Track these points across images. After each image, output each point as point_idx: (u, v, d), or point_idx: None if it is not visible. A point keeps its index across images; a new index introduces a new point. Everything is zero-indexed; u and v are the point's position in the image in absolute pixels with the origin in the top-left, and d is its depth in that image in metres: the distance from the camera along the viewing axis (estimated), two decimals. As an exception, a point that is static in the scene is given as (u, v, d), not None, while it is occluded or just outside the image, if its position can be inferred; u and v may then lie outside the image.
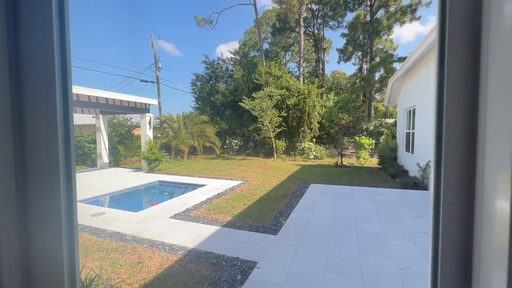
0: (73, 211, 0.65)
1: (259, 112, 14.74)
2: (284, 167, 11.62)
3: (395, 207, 5.27)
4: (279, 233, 4.08)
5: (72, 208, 0.65)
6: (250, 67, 21.09)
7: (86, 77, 48.48)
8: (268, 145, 16.98)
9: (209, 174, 9.79)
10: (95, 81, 61.86)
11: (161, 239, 3.92)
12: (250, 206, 5.56)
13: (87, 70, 26.44)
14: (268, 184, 7.95)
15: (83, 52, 63.43)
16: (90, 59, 53.05)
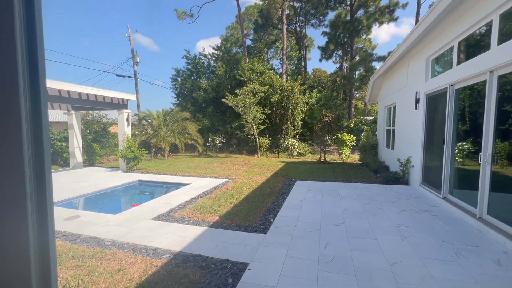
0: (46, 216, 0.59)
1: (242, 109, 14.55)
2: (268, 164, 11.57)
3: (380, 202, 5.37)
4: (269, 232, 3.98)
5: (46, 213, 0.58)
6: (233, 63, 20.76)
7: (56, 71, 45.24)
8: (251, 142, 16.85)
9: (192, 173, 9.49)
10: (67, 75, 58.12)
11: (144, 242, 3.67)
12: (237, 205, 5.41)
13: (57, 63, 24.64)
14: (254, 181, 7.83)
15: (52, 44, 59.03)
16: (60, 51, 49.38)
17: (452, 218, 4.33)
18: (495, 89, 3.72)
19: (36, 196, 0.57)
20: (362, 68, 21.44)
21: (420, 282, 2.60)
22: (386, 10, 20.91)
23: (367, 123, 17.53)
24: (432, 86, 5.64)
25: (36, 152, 0.57)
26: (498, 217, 3.66)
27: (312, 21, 27.49)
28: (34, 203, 0.56)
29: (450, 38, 4.91)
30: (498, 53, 3.62)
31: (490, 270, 2.79)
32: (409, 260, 3.03)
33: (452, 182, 4.98)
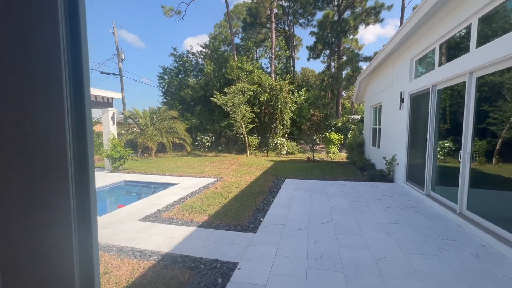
0: (90, 220, 0.60)
1: (231, 108, 14.48)
2: (257, 163, 11.59)
3: (366, 199, 5.50)
4: (258, 231, 3.99)
5: (90, 216, 0.60)
6: (221, 61, 20.61)
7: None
8: (240, 141, 16.82)
9: (181, 172, 9.37)
10: (47, 72, 56.05)
11: (131, 244, 3.59)
12: (226, 204, 5.39)
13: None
14: (243, 180, 7.83)
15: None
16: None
17: (434, 214, 4.50)
18: (474, 90, 3.88)
19: (77, 197, 0.57)
20: (349, 68, 21.83)
21: (404, 277, 2.69)
22: (372, 12, 21.38)
23: (354, 122, 17.89)
24: (416, 86, 5.82)
25: (79, 152, 0.57)
26: (476, 212, 3.83)
27: (301, 21, 27.70)
28: (75, 203, 0.56)
29: (432, 40, 5.08)
30: (477, 55, 3.77)
31: (469, 263, 2.93)
32: (394, 256, 3.13)
33: (435, 179, 5.17)
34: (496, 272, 2.73)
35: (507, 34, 3.28)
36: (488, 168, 3.84)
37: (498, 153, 3.74)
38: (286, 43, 29.16)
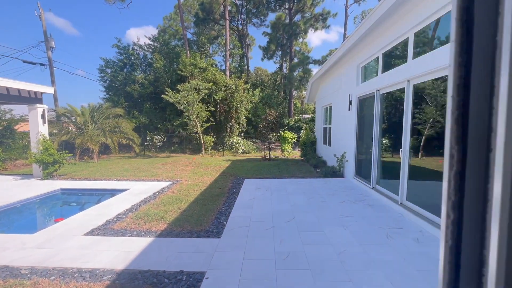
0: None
1: (185, 106, 13.84)
2: (214, 163, 11.34)
3: (322, 195, 5.87)
4: (223, 235, 3.88)
5: None
6: (172, 56, 19.51)
7: None
8: (195, 141, 16.24)
9: (130, 176, 8.57)
10: None
11: (77, 264, 3.11)
12: (186, 209, 5.11)
13: None
14: (202, 182, 7.56)
15: None
16: None
17: (381, 205, 5.05)
18: (411, 96, 4.45)
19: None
20: (301, 69, 23.01)
21: (364, 267, 2.93)
22: (320, 17, 22.90)
23: (305, 121, 18.95)
24: (362, 90, 6.42)
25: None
26: (414, 202, 4.42)
27: (254, 20, 28.04)
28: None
29: (376, 49, 5.65)
30: (413, 66, 4.33)
31: (412, 248, 3.35)
32: (352, 248, 3.39)
33: (379, 174, 5.79)
34: (433, 254, 3.18)
35: (435, 49, 3.83)
36: (416, 162, 4.47)
37: (423, 148, 4.39)
38: (240, 42, 29.19)
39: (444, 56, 3.56)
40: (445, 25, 3.85)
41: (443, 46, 3.71)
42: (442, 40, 4.00)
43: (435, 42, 4.21)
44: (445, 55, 3.52)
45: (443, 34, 4.01)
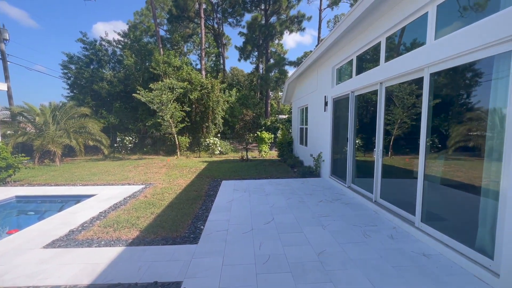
0: None
1: (158, 106, 13.28)
2: (190, 165, 11.00)
3: (300, 195, 5.90)
4: (200, 240, 3.71)
5: None
6: (145, 54, 18.66)
7: None
8: (169, 142, 15.66)
9: (98, 180, 7.98)
10: None
11: (34, 282, 2.77)
12: (160, 215, 4.84)
13: None
14: (177, 185, 7.25)
15: None
16: None
17: (356, 204, 5.19)
18: (383, 97, 4.63)
19: None
20: (277, 70, 23.25)
21: (343, 266, 2.95)
22: (295, 20, 23.34)
23: (282, 121, 19.16)
24: (338, 91, 6.58)
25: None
26: (387, 199, 4.60)
27: (230, 20, 27.78)
28: None
29: (350, 52, 5.82)
30: (385, 69, 4.50)
31: (387, 245, 3.46)
32: (331, 247, 3.41)
33: (354, 173, 5.97)
34: (407, 250, 3.31)
35: (404, 55, 4.02)
36: (386, 160, 4.67)
37: (392, 147, 4.61)
38: (216, 41, 28.77)
39: (411, 62, 3.74)
40: (410, 32, 4.05)
41: (409, 52, 3.89)
42: (408, 46, 4.20)
43: (401, 48, 4.41)
44: (412, 61, 3.70)
45: (408, 40, 4.21)
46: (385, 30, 4.47)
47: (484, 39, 2.65)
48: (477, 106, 3.01)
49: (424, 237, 3.47)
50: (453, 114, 3.39)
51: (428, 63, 3.44)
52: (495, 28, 2.54)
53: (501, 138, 2.56)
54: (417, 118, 3.90)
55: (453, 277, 2.72)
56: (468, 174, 3.15)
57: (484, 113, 2.87)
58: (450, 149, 3.37)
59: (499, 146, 2.58)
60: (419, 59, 3.61)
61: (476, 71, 2.98)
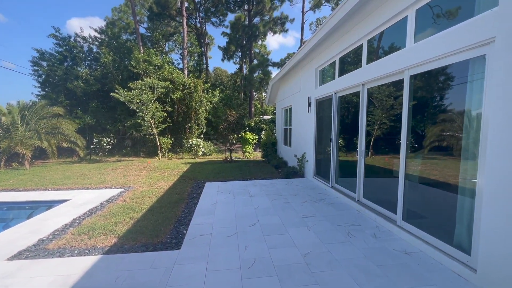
0: None
1: (138, 106, 12.81)
2: (172, 167, 10.69)
3: (285, 196, 5.89)
4: (183, 245, 3.57)
5: None
6: (124, 52, 17.96)
7: None
8: (150, 143, 15.15)
9: (72, 185, 7.52)
10: None
11: (-5, 300, 2.51)
12: (140, 219, 4.62)
13: None
14: (158, 188, 6.99)
15: None
16: None
17: (340, 204, 5.25)
18: (365, 99, 4.72)
19: None
20: (260, 71, 23.29)
21: (329, 267, 2.94)
22: (278, 21, 23.52)
23: (266, 122, 19.20)
24: (321, 92, 6.66)
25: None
26: (369, 199, 4.69)
27: (213, 19, 27.48)
28: None
29: (332, 54, 5.90)
30: (367, 71, 4.59)
31: (371, 244, 3.51)
32: (316, 248, 3.40)
33: (338, 173, 6.05)
34: (389, 248, 3.37)
35: (384, 58, 4.12)
36: (367, 160, 4.77)
37: (372, 148, 4.72)
38: (198, 40, 28.31)
39: (391, 64, 3.83)
40: (391, 35, 4.16)
41: (390, 55, 3.99)
42: (388, 49, 4.32)
43: (382, 51, 4.52)
44: (393, 63, 3.79)
45: (389, 43, 4.32)
46: (367, 33, 4.56)
47: (460, 44, 2.75)
48: (453, 108, 3.12)
49: (405, 235, 3.56)
50: (430, 115, 3.50)
51: (408, 65, 3.53)
52: (469, 33, 2.64)
53: (476, 138, 2.66)
54: (396, 119, 4.02)
55: (433, 273, 2.80)
56: (445, 172, 3.27)
57: (460, 114, 2.98)
58: (426, 149, 3.48)
59: (475, 146, 2.68)
60: (400, 62, 3.71)
61: (452, 74, 3.10)
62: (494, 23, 2.40)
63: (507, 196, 2.27)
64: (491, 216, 2.41)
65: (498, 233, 2.35)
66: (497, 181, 2.36)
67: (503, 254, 2.30)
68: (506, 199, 2.28)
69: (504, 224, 2.30)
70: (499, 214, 2.34)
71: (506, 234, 2.28)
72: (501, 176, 2.32)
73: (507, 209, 2.27)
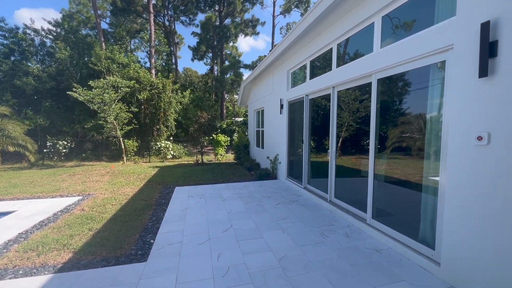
0: None
1: (100, 106, 11.86)
2: (139, 171, 10.05)
3: (259, 198, 5.81)
4: (150, 257, 3.28)
5: None
6: (82, 47, 16.61)
7: None
8: (114, 146, 14.13)
9: (19, 194, 6.64)
10: None
11: None
12: (101, 230, 4.19)
13: None
14: (122, 194, 6.47)
15: None
16: None
17: (313, 204, 5.31)
18: (336, 101, 4.84)
19: None
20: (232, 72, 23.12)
21: (304, 270, 2.90)
22: (250, 24, 23.60)
23: (238, 124, 19.06)
24: (293, 94, 6.72)
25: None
26: (340, 198, 4.80)
27: (182, 18, 26.67)
28: None
29: (304, 57, 5.99)
30: (337, 74, 4.72)
31: (344, 243, 3.56)
32: (292, 251, 3.35)
33: (310, 174, 6.14)
34: (361, 247, 3.45)
35: (354, 61, 4.26)
36: (336, 161, 4.91)
37: (340, 149, 4.87)
38: (167, 39, 27.26)
39: (360, 68, 3.97)
40: (360, 40, 4.32)
41: (358, 59, 4.14)
42: (358, 53, 4.48)
43: (351, 55, 4.69)
44: (361, 67, 3.94)
45: (359, 48, 4.48)
46: (336, 37, 4.69)
47: (422, 50, 2.91)
48: (417, 110, 3.30)
49: (375, 233, 3.68)
50: (396, 117, 3.68)
51: (375, 69, 3.68)
52: (430, 40, 2.81)
53: (438, 139, 2.83)
54: (362, 121, 4.18)
55: (402, 269, 2.90)
56: (409, 172, 3.44)
57: (423, 116, 3.16)
58: (389, 149, 3.65)
59: (437, 147, 2.85)
60: (368, 66, 3.85)
61: (416, 78, 3.27)
62: (452, 31, 2.57)
63: (467, 192, 2.42)
64: (452, 212, 2.56)
65: (459, 227, 2.50)
66: (457, 179, 2.51)
67: (464, 247, 2.45)
68: (465, 195, 2.43)
69: (464, 218, 2.45)
70: (460, 209, 2.49)
71: (466, 227, 2.43)
72: (461, 174, 2.47)
73: (467, 205, 2.42)
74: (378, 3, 3.60)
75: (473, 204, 2.37)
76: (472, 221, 2.38)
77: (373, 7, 3.69)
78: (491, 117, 2.22)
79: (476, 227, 2.35)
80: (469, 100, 2.41)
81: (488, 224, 2.25)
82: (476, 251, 2.35)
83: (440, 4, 2.86)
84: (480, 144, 2.29)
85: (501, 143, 2.15)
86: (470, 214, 2.40)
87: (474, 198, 2.36)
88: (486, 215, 2.26)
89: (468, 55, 2.41)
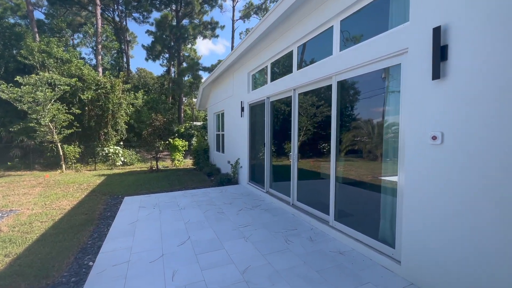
0: None
1: (30, 106, 10.17)
2: (80, 180, 8.80)
3: (219, 206, 5.47)
4: (87, 284, 2.71)
5: None
6: (10, 37, 14.26)
7: None
8: (50, 153, 12.25)
9: None
10: None
11: None
12: (23, 255, 3.40)
13: None
14: (56, 209, 5.49)
15: None
16: None
17: (276, 209, 5.17)
18: (297, 103, 4.82)
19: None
20: (191, 74, 22.28)
21: (270, 282, 2.68)
22: (209, 26, 23.13)
23: (197, 128, 18.33)
24: (254, 97, 6.59)
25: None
26: (302, 201, 4.75)
27: (135, 15, 24.89)
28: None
29: (264, 59, 5.91)
30: (297, 76, 4.71)
31: (308, 248, 3.46)
32: (256, 261, 3.12)
33: (272, 177, 6.02)
34: (326, 250, 3.38)
35: (314, 63, 4.29)
36: (302, 164, 4.90)
37: (300, 151, 4.88)
38: (117, 36, 25.10)
39: (320, 70, 4.00)
40: (320, 43, 4.38)
41: (318, 62, 4.17)
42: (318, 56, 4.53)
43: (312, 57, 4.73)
44: (321, 69, 3.97)
45: (319, 50, 4.54)
46: (297, 40, 4.69)
47: (379, 53, 2.99)
48: (374, 113, 3.40)
49: (338, 235, 3.67)
50: (354, 119, 3.76)
51: (335, 71, 3.72)
52: (387, 44, 2.90)
53: (395, 141, 2.91)
54: (319, 125, 4.23)
55: (365, 271, 2.88)
56: (368, 173, 3.52)
57: (379, 118, 3.25)
58: (343, 152, 3.72)
59: (394, 148, 2.93)
60: (328, 68, 3.88)
61: (374, 81, 3.37)
62: (406, 35, 2.68)
63: (424, 191, 2.50)
64: (410, 210, 2.63)
65: (417, 225, 2.56)
66: (415, 178, 2.59)
67: (422, 244, 2.51)
68: (423, 193, 2.51)
69: (421, 216, 2.52)
70: (418, 207, 2.56)
71: (424, 225, 2.50)
72: (418, 173, 2.55)
73: (425, 203, 2.49)
74: (336, 8, 3.66)
75: (430, 202, 2.45)
76: (430, 218, 2.45)
77: (332, 11, 3.75)
78: (444, 117, 2.32)
79: (434, 224, 2.42)
80: (423, 102, 2.50)
81: (446, 220, 2.33)
82: (435, 248, 2.42)
83: (395, 10, 2.99)
84: (435, 143, 2.38)
85: (453, 141, 2.25)
86: (427, 212, 2.47)
87: (431, 196, 2.44)
88: (444, 212, 2.34)
89: (421, 58, 2.51)
